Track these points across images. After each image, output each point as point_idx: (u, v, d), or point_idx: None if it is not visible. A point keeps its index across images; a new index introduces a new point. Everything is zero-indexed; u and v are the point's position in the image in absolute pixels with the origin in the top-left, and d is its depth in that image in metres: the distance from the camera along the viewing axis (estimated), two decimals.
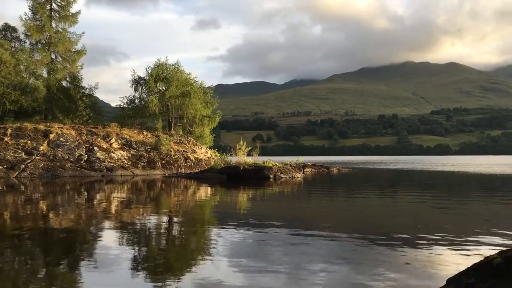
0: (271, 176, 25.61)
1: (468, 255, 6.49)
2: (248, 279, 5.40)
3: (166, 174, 30.20)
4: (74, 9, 39.87)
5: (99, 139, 31.21)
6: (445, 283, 4.34)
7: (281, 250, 7.03)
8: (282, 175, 26.24)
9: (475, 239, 7.81)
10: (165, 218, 11.03)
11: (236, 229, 8.94)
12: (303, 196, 17.75)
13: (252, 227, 9.19)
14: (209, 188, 20.33)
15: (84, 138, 30.85)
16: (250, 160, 28.33)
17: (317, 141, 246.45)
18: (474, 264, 4.17)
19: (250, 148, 29.81)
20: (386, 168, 47.37)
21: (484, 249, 6.79)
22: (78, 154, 29.29)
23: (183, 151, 34.50)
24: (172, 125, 40.88)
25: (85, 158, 29.25)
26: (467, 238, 7.85)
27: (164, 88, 40.34)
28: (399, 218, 11.06)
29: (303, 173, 31.46)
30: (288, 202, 15.27)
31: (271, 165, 26.96)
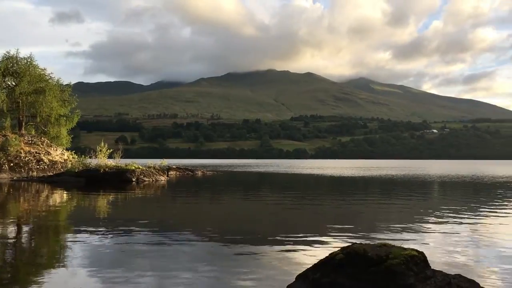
0: (134, 179, 24.91)
1: (318, 252, 7.05)
2: None
3: (15, 178, 27.43)
4: None
5: None
6: (295, 279, 4.66)
7: (145, 256, 6.86)
8: (145, 178, 25.66)
9: (326, 236, 8.52)
10: (12, 226, 9.99)
11: (95, 235, 8.50)
12: (167, 199, 17.55)
13: (113, 232, 8.82)
14: (64, 193, 18.97)
15: None
16: (111, 162, 27.19)
17: (183, 144, 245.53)
18: (320, 260, 4.55)
19: (112, 150, 28.65)
20: (250, 171, 49.13)
21: (333, 246, 7.44)
22: None
23: (36, 152, 31.66)
24: (23, 124, 37.22)
25: None
26: (319, 236, 8.53)
27: (14, 84, 36.59)
28: (259, 219, 11.56)
29: (168, 176, 31.14)
30: (152, 205, 14.96)
31: (134, 168, 26.24)
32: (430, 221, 10.72)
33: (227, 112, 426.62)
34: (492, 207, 13.84)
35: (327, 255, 4.82)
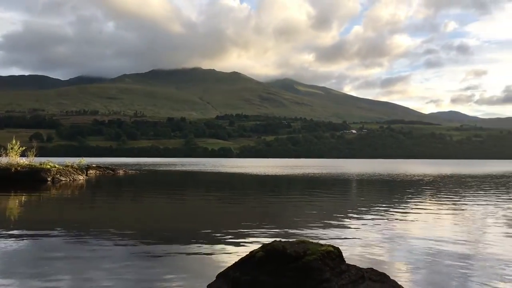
0: (49, 179, 23.63)
1: (239, 250, 7.09)
2: None
3: None
4: None
5: None
6: (215, 278, 4.64)
7: (61, 261, 6.50)
8: (62, 178, 24.42)
9: (248, 234, 8.59)
10: None
11: (5, 240, 7.92)
12: (85, 200, 16.79)
13: (25, 237, 8.28)
14: None
15: None
16: (24, 161, 25.56)
17: (105, 142, 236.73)
18: (241, 259, 4.58)
19: (25, 148, 26.95)
20: (174, 170, 48.41)
21: (254, 244, 7.52)
22: None
23: None
24: None
25: None
26: (241, 234, 8.58)
27: None
28: (182, 219, 11.41)
29: (87, 175, 29.88)
30: (68, 206, 14.23)
31: (49, 167, 24.90)
32: (346, 217, 11.19)
33: (151, 110, 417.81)
34: (404, 204, 14.75)
35: (248, 253, 4.86)
